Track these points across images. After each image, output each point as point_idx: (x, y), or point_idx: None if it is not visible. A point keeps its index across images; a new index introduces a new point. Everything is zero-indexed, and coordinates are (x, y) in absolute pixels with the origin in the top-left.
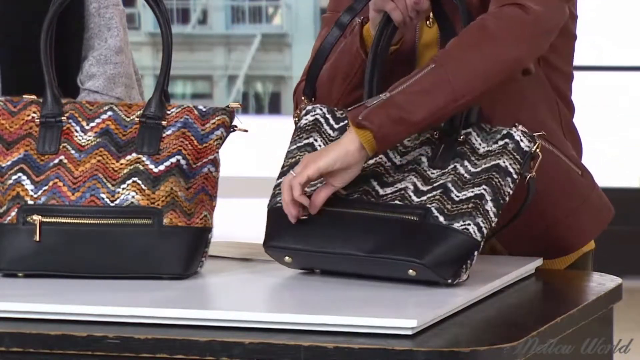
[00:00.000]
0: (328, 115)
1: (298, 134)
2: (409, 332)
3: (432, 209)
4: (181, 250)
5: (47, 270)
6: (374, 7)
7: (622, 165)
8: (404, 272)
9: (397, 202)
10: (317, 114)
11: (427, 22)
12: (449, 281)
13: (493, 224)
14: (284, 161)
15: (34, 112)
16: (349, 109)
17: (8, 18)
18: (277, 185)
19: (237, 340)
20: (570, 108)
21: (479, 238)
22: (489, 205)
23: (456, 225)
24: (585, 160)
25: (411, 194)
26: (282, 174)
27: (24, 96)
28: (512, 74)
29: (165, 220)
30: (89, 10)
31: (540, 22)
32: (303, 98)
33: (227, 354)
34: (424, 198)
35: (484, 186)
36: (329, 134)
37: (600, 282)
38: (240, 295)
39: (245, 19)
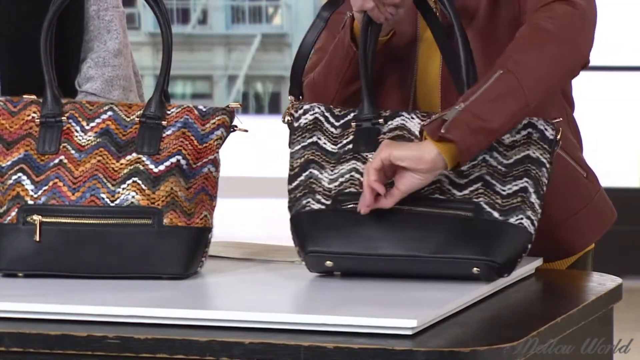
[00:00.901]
0: (327, 114)
1: (300, 134)
2: (409, 332)
3: (482, 203)
4: (181, 250)
5: (47, 270)
6: (354, 8)
7: (622, 165)
8: (467, 270)
9: (437, 195)
10: (316, 113)
11: None
12: (505, 275)
13: (539, 216)
14: (292, 162)
15: (34, 112)
16: (424, 124)
17: (7, 19)
18: (294, 189)
19: (237, 340)
20: (570, 104)
21: (532, 231)
22: (533, 198)
23: (512, 220)
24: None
25: (450, 187)
26: (294, 176)
27: (24, 96)
28: (577, 70)
29: (165, 220)
30: (89, 12)
31: (587, 15)
32: (291, 98)
33: (227, 354)
34: (466, 192)
35: (526, 179)
36: (332, 132)
37: (600, 282)
38: (240, 295)
39: (245, 19)
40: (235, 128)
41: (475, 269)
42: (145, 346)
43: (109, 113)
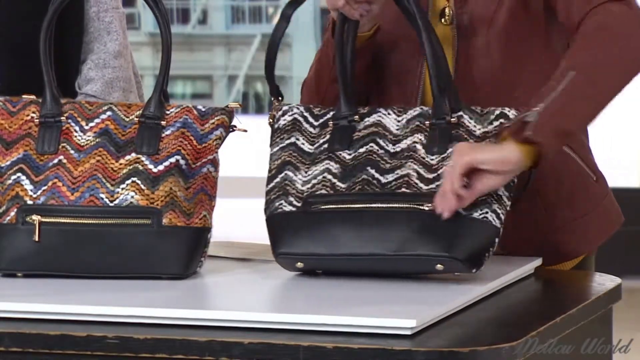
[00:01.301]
0: (306, 114)
1: (278, 135)
2: (408, 332)
3: None
4: (181, 250)
5: (47, 270)
6: (328, 7)
7: (622, 165)
8: (431, 267)
9: (404, 189)
10: (295, 114)
11: (442, 20)
12: (473, 271)
13: (507, 208)
14: (270, 164)
15: (34, 112)
16: (506, 125)
17: (7, 19)
18: (270, 191)
19: (236, 340)
20: None
21: (498, 225)
22: (501, 190)
23: (475, 214)
24: None
25: (417, 182)
26: (271, 178)
27: (23, 96)
28: None
29: (165, 220)
30: (89, 14)
31: None
32: (272, 99)
33: (227, 354)
34: (433, 186)
35: None
36: (310, 132)
37: (600, 282)
38: (240, 295)
39: (245, 19)
40: (235, 128)
41: (438, 265)
42: (144, 346)
43: (108, 113)
